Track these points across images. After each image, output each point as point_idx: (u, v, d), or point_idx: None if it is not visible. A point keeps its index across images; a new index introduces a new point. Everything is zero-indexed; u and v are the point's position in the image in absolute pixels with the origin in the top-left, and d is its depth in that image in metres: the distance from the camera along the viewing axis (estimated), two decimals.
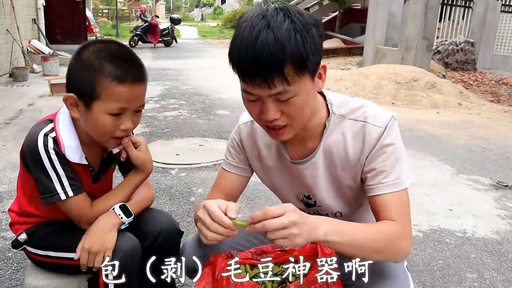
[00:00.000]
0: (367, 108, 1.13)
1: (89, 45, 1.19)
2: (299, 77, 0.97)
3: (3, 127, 4.23)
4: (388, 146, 1.09)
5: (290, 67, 0.94)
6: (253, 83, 0.96)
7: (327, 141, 1.14)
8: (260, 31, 0.93)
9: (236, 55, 0.97)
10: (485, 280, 2.03)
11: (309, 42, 0.96)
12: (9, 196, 2.65)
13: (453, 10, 10.53)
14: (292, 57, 0.94)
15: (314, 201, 1.23)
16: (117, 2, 21.20)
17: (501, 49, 11.64)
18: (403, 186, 1.08)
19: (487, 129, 5.11)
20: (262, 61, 0.93)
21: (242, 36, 0.96)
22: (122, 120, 1.18)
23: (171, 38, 15.12)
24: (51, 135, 1.19)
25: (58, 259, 1.28)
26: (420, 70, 7.07)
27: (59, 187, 1.19)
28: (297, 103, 1.00)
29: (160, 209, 2.52)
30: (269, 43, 0.92)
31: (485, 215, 2.75)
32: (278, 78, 0.94)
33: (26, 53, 7.78)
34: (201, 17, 41.83)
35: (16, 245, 1.34)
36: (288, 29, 0.94)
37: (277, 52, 0.92)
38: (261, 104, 1.01)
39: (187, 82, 7.37)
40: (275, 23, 0.94)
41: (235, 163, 1.29)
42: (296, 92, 0.98)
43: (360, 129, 1.10)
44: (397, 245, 1.04)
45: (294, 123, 1.04)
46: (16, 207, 1.36)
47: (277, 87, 0.95)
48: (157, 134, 4.19)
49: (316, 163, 1.16)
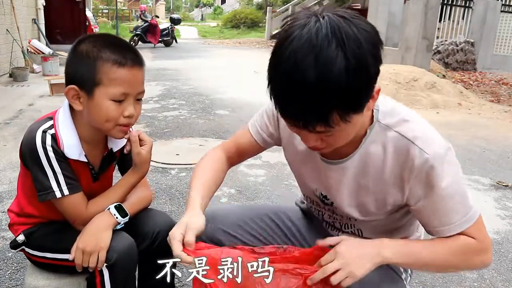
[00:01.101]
0: (419, 125, 0.99)
1: (84, 38, 1.22)
2: (344, 120, 0.85)
3: (3, 127, 4.22)
4: (445, 189, 0.95)
5: (336, 114, 0.83)
6: (290, 122, 0.88)
7: (364, 150, 1.03)
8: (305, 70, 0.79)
9: (275, 90, 0.85)
10: (485, 280, 2.03)
11: (364, 80, 0.83)
12: (9, 196, 2.65)
13: (453, 10, 10.53)
14: (339, 103, 0.81)
15: (331, 202, 1.17)
16: (117, 2, 21.19)
17: (501, 49, 11.64)
18: (476, 217, 1.00)
19: (487, 129, 5.11)
20: (304, 108, 0.82)
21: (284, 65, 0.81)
22: (125, 106, 1.19)
23: (171, 38, 15.11)
24: (50, 132, 1.19)
25: (55, 260, 1.28)
26: (420, 70, 7.07)
27: (55, 184, 1.19)
28: (341, 136, 0.91)
29: (160, 209, 2.53)
30: (313, 86, 0.79)
31: (485, 215, 2.72)
32: (322, 123, 0.84)
33: (26, 53, 7.78)
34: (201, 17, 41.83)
35: (14, 246, 1.34)
36: (340, 69, 0.78)
37: (322, 99, 0.80)
38: (298, 131, 0.93)
39: (187, 82, 7.37)
40: (327, 58, 0.78)
41: (261, 131, 1.24)
42: (340, 129, 0.88)
43: (404, 147, 0.97)
44: (472, 260, 1.01)
45: (337, 145, 0.96)
46: (15, 207, 1.35)
47: (319, 129, 0.86)
48: (157, 134, 4.19)
49: (346, 168, 1.06)
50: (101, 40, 1.19)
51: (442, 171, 0.94)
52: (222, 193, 2.84)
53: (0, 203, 2.58)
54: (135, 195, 1.36)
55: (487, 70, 10.69)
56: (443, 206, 0.97)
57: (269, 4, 21.94)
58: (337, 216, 1.20)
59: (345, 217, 1.17)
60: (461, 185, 0.99)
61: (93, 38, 1.21)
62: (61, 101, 1.28)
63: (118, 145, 1.35)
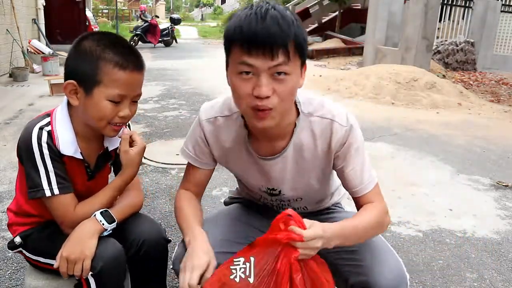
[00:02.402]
0: (332, 106, 1.23)
1: (88, 35, 1.22)
2: (295, 58, 1.06)
3: (3, 127, 4.23)
4: (357, 149, 1.22)
5: (292, 45, 1.03)
6: (258, 53, 1.02)
7: (297, 139, 1.23)
8: (267, 10, 1.03)
9: (246, 28, 1.02)
10: (485, 280, 2.03)
11: (304, 32, 1.07)
12: (9, 196, 2.65)
13: (453, 10, 10.53)
14: (295, 37, 1.03)
15: (278, 191, 1.34)
16: (117, 2, 21.17)
17: (501, 49, 11.64)
18: (376, 180, 1.25)
19: (487, 129, 5.11)
20: (272, 32, 1.01)
21: (248, 13, 1.04)
22: (121, 107, 1.21)
23: (171, 38, 15.11)
24: (46, 128, 1.20)
25: (48, 265, 1.28)
26: (420, 70, 7.07)
27: (46, 183, 1.18)
28: (289, 84, 1.07)
29: (160, 209, 2.54)
30: (279, 19, 1.02)
31: (485, 215, 2.75)
32: (282, 51, 1.02)
33: (26, 53, 7.78)
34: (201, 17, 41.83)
35: (11, 247, 1.34)
36: (290, 15, 1.05)
37: (285, 27, 1.02)
38: (255, 81, 1.05)
39: (187, 82, 7.37)
40: (279, 8, 1.05)
41: (200, 159, 1.34)
42: (291, 71, 1.06)
43: (327, 126, 1.20)
44: (384, 222, 1.23)
45: (281, 106, 1.09)
46: (14, 206, 1.36)
47: (279, 58, 1.02)
48: (157, 134, 4.19)
49: (285, 157, 1.25)
50: (105, 40, 1.20)
51: (355, 136, 1.21)
52: (222, 193, 2.84)
53: (0, 203, 2.58)
54: (125, 200, 1.35)
55: (487, 70, 10.69)
56: (358, 162, 1.22)
57: None
58: (285, 202, 1.39)
59: (292, 199, 1.37)
60: (365, 152, 1.25)
61: (97, 36, 1.21)
62: (61, 101, 1.28)
63: (113, 144, 1.35)
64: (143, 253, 1.28)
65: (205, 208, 2.55)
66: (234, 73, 1.08)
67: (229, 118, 1.28)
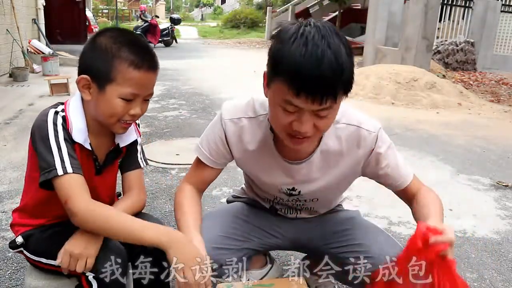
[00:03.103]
0: (355, 112, 1.27)
1: (105, 31, 1.22)
2: (341, 98, 1.06)
3: (3, 127, 4.22)
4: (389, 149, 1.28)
5: (341, 89, 1.02)
6: (307, 98, 1.00)
7: (324, 146, 1.25)
8: (324, 51, 0.97)
9: (298, 69, 0.98)
10: (485, 280, 2.03)
11: (353, 67, 1.05)
12: (9, 196, 2.65)
13: (453, 10, 10.54)
14: (345, 81, 1.02)
15: (298, 192, 1.36)
16: (117, 2, 21.21)
17: (501, 49, 11.64)
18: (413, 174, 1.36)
19: (487, 129, 5.11)
20: (326, 81, 0.98)
21: (303, 51, 0.97)
22: (133, 105, 1.21)
23: (171, 38, 15.12)
24: (61, 114, 1.21)
25: (50, 265, 1.27)
26: (420, 70, 7.07)
27: (59, 161, 1.15)
28: (329, 120, 1.08)
29: (160, 209, 2.54)
30: (333, 66, 0.97)
31: (485, 215, 2.75)
32: (331, 97, 1.01)
33: (26, 53, 7.77)
34: (201, 17, 41.80)
35: (13, 247, 1.34)
36: (345, 55, 1.00)
37: (338, 75, 0.99)
38: (298, 116, 1.05)
39: (187, 82, 7.37)
40: (335, 46, 0.99)
41: (213, 158, 1.33)
42: (335, 110, 1.07)
43: (354, 132, 1.24)
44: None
45: (318, 135, 1.13)
46: (20, 208, 1.35)
47: (327, 104, 1.01)
48: (157, 134, 4.19)
49: (311, 162, 1.27)
50: (122, 38, 1.20)
51: (383, 140, 1.27)
52: (222, 193, 2.84)
53: (0, 203, 2.58)
54: (128, 199, 1.34)
55: (487, 70, 10.69)
56: (392, 160, 1.28)
57: (269, 4, 21.93)
58: (300, 202, 1.41)
59: (309, 199, 1.40)
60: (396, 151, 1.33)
61: (115, 33, 1.21)
62: (61, 101, 1.28)
63: (125, 140, 1.35)
64: (147, 252, 1.27)
65: (205, 208, 2.55)
66: (277, 103, 1.06)
67: (253, 120, 1.27)
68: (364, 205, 2.73)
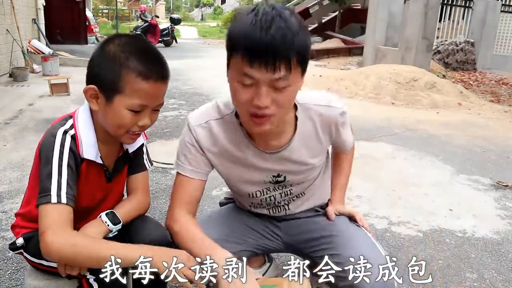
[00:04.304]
0: (322, 93, 1.34)
1: (114, 38, 1.18)
2: (297, 69, 1.05)
3: (3, 127, 4.22)
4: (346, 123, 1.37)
5: (295, 57, 1.02)
6: (260, 66, 1.01)
7: (301, 130, 1.28)
8: (273, 18, 1.00)
9: (249, 38, 1.00)
10: (485, 280, 2.03)
11: (308, 40, 1.06)
12: (9, 196, 2.65)
13: (453, 10, 10.54)
14: (298, 48, 1.02)
15: (284, 177, 1.36)
16: (117, 2, 21.18)
17: (501, 49, 11.64)
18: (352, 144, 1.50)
19: (487, 129, 5.11)
20: (276, 45, 0.99)
21: (253, 21, 1.00)
22: (141, 116, 1.17)
23: (171, 38, 15.11)
24: (70, 132, 1.18)
25: (51, 267, 1.27)
26: (420, 70, 7.07)
27: (55, 188, 1.13)
28: (289, 94, 1.08)
29: (160, 209, 2.54)
30: (284, 31, 0.99)
31: (485, 215, 2.75)
32: (284, 64, 1.01)
33: (26, 53, 7.77)
34: (201, 17, 41.80)
35: (13, 248, 1.33)
36: (296, 24, 1.02)
37: (290, 40, 1.00)
38: (255, 90, 1.05)
39: (187, 82, 7.37)
40: (285, 16, 1.02)
41: (194, 168, 1.30)
42: (291, 82, 1.06)
43: (325, 111, 1.29)
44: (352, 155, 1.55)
45: (279, 113, 1.10)
46: (23, 211, 1.34)
47: (281, 72, 1.02)
48: (157, 134, 4.19)
49: (291, 148, 1.29)
50: (131, 46, 1.15)
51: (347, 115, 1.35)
52: (221, 193, 2.84)
53: (0, 203, 2.57)
54: (132, 201, 1.34)
55: (487, 70, 10.69)
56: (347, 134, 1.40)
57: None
58: (287, 190, 1.40)
59: (295, 184, 1.39)
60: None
61: (124, 41, 1.16)
62: (61, 101, 1.29)
63: (133, 146, 1.34)
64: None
65: (204, 208, 2.55)
66: (235, 79, 1.08)
67: (221, 120, 1.28)
68: (364, 205, 2.74)
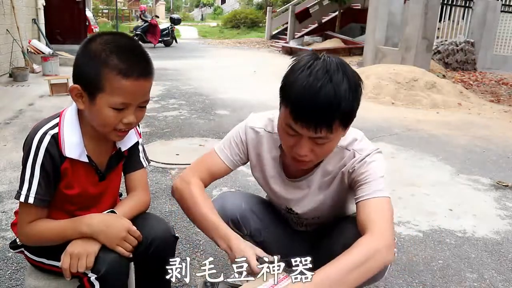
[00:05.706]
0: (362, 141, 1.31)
1: (97, 36, 1.17)
2: (338, 130, 1.14)
3: (3, 127, 4.22)
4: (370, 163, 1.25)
5: (338, 122, 1.11)
6: (303, 125, 1.10)
7: (326, 166, 1.33)
8: (323, 85, 1.07)
9: (297, 98, 1.09)
10: (485, 280, 2.03)
11: (357, 103, 1.13)
12: (9, 196, 2.65)
13: (453, 10, 10.53)
14: (342, 114, 1.10)
15: (296, 213, 1.46)
16: (117, 2, 21.18)
17: (501, 49, 11.63)
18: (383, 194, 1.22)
19: (487, 129, 5.11)
20: (321, 111, 1.07)
21: (305, 82, 1.08)
22: (125, 114, 1.17)
23: (171, 38, 15.11)
24: (51, 132, 1.18)
25: (51, 266, 1.27)
26: (420, 70, 7.07)
27: (26, 188, 1.17)
28: (328, 147, 1.18)
29: (160, 209, 2.54)
30: (331, 98, 1.07)
31: (485, 215, 2.75)
32: (326, 127, 1.10)
33: (26, 53, 7.77)
34: (201, 17, 41.79)
35: (14, 247, 1.33)
36: (345, 89, 1.09)
37: (335, 107, 1.08)
38: (297, 139, 1.16)
39: (187, 82, 7.37)
40: (337, 80, 1.08)
41: (231, 156, 1.42)
42: (332, 139, 1.15)
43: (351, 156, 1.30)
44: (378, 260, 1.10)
45: (317, 160, 1.23)
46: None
47: (321, 134, 1.11)
48: (157, 134, 4.19)
49: (310, 182, 1.36)
50: (113, 43, 1.14)
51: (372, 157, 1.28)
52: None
53: (0, 203, 2.57)
54: (133, 200, 1.34)
55: (487, 70, 10.68)
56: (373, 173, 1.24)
57: (269, 4, 21.91)
58: (302, 220, 1.52)
59: (310, 218, 1.49)
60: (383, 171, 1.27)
61: (106, 38, 1.16)
62: (61, 101, 1.29)
63: (126, 144, 1.34)
64: (152, 251, 1.27)
65: None
66: (281, 125, 1.19)
67: (270, 135, 1.39)
68: None
